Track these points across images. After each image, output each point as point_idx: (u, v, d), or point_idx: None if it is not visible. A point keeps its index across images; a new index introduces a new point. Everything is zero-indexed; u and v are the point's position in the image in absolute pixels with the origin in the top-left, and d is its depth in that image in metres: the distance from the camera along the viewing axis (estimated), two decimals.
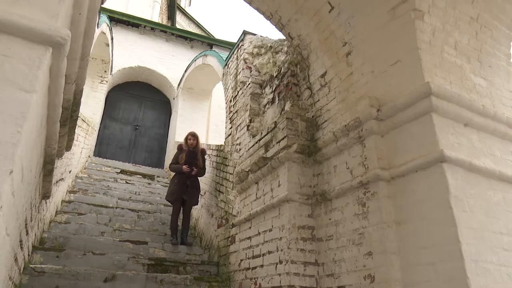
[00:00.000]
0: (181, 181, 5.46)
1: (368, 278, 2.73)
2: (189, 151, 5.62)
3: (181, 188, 5.42)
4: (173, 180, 5.62)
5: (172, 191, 5.48)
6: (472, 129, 2.82)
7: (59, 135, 2.60)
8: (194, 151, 5.66)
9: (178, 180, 5.50)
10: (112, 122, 10.92)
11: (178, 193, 5.41)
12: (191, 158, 5.58)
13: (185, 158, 5.56)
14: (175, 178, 5.58)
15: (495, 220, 2.53)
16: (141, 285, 3.70)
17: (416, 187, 2.62)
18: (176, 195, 5.41)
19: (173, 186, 5.51)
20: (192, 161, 5.56)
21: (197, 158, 5.63)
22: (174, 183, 5.55)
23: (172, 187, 5.53)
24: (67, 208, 5.59)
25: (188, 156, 5.57)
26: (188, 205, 5.54)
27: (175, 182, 5.52)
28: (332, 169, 3.42)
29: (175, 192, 5.43)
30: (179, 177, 5.49)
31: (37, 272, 3.32)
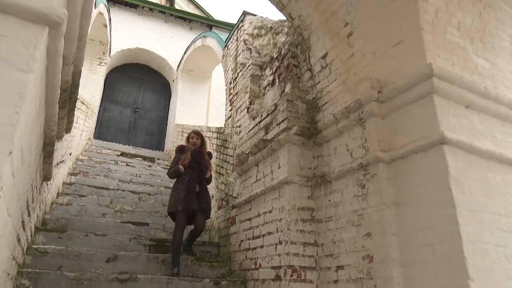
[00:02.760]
0: (189, 187, 4.20)
1: (366, 258, 2.77)
2: (195, 151, 4.48)
3: (190, 195, 4.16)
4: (176, 187, 4.33)
5: (177, 199, 4.14)
6: (473, 111, 2.81)
7: (59, 117, 2.59)
8: (201, 151, 4.52)
9: (185, 185, 4.21)
10: (112, 105, 10.88)
11: (187, 200, 4.11)
12: (199, 158, 4.43)
13: (190, 157, 4.39)
14: (179, 183, 4.31)
15: (494, 201, 2.55)
16: (142, 265, 3.76)
17: (416, 169, 2.63)
18: (185, 203, 4.08)
19: (178, 193, 4.20)
20: (200, 162, 4.41)
21: (204, 159, 4.50)
22: (178, 189, 4.25)
23: (176, 195, 4.20)
24: (68, 190, 5.62)
25: (194, 157, 4.41)
26: (201, 216, 4.24)
27: (180, 188, 4.22)
28: (332, 151, 3.42)
29: (182, 200, 4.09)
30: (186, 182, 4.23)
31: (40, 252, 3.37)
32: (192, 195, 4.17)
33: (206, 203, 4.29)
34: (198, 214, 4.21)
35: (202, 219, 4.25)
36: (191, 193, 4.16)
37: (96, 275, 3.26)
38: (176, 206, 4.10)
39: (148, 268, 3.76)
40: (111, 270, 3.52)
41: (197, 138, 4.58)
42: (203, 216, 4.25)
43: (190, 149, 4.47)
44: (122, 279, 3.29)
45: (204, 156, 4.50)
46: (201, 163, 4.40)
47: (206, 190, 4.43)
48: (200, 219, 4.22)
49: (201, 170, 4.35)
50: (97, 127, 10.28)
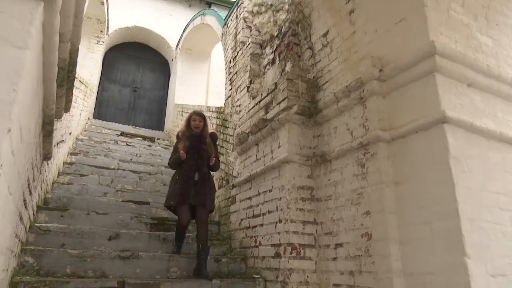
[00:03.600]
0: (186, 177, 3.69)
1: (365, 236, 2.81)
2: (192, 136, 3.88)
3: (186, 186, 3.65)
4: (174, 178, 3.87)
5: (173, 192, 3.70)
6: (475, 89, 2.78)
7: (57, 95, 2.57)
8: (201, 135, 3.92)
9: (181, 175, 3.73)
10: (111, 84, 10.79)
11: (183, 193, 3.62)
12: (197, 144, 3.85)
13: (188, 143, 3.83)
14: (176, 173, 3.87)
15: (492, 180, 2.56)
16: (144, 243, 3.81)
17: (416, 148, 2.62)
18: (180, 196, 3.61)
19: (173, 185, 3.77)
20: (200, 147, 3.84)
21: (205, 143, 3.89)
22: (174, 180, 3.82)
23: (172, 186, 3.78)
24: (69, 169, 5.64)
25: (192, 142, 3.84)
26: (201, 212, 3.66)
27: (176, 178, 3.78)
28: (332, 130, 3.41)
29: (177, 193, 3.64)
30: (183, 172, 3.73)
31: (42, 230, 3.41)
32: (188, 185, 3.64)
33: (204, 195, 3.67)
34: (198, 209, 3.65)
35: (202, 212, 3.66)
36: (186, 184, 3.64)
37: (99, 252, 3.31)
38: (171, 200, 3.67)
39: (149, 246, 3.82)
40: (113, 248, 3.58)
41: (200, 120, 3.96)
42: (202, 209, 3.67)
43: (186, 134, 3.91)
44: (124, 256, 3.34)
45: (203, 140, 3.90)
46: (200, 148, 3.83)
47: (207, 179, 3.81)
48: (200, 213, 3.65)
49: (201, 157, 3.80)
50: (96, 106, 10.23)
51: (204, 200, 3.66)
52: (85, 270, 3.15)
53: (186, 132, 3.93)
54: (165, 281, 3.13)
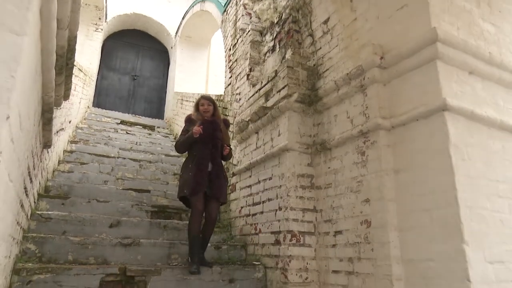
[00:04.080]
0: (199, 165, 3.40)
1: (364, 224, 2.83)
2: (207, 121, 3.56)
3: (201, 176, 3.36)
4: (185, 166, 3.52)
5: (187, 181, 3.37)
6: (476, 77, 2.76)
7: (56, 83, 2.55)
8: (215, 121, 3.62)
9: (194, 163, 3.42)
10: (110, 72, 10.73)
11: (198, 183, 3.32)
12: (212, 130, 3.54)
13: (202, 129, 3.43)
14: (188, 161, 3.52)
15: (492, 168, 2.56)
16: (145, 230, 3.84)
17: (416, 136, 2.62)
18: (195, 186, 3.31)
19: (186, 174, 3.43)
20: (214, 135, 3.54)
21: (219, 130, 3.61)
22: (187, 168, 3.47)
23: (185, 176, 3.43)
24: (69, 157, 5.65)
25: (206, 128, 3.46)
26: (214, 205, 3.42)
27: (190, 167, 3.44)
28: (333, 118, 3.40)
29: (192, 183, 3.32)
30: (196, 160, 3.43)
31: (44, 218, 3.43)
32: (203, 174, 3.36)
33: (218, 188, 3.42)
34: (210, 201, 3.40)
35: (215, 205, 3.42)
36: (201, 172, 3.36)
37: (100, 239, 3.33)
38: (185, 189, 3.34)
39: (150, 233, 3.84)
40: (114, 235, 3.60)
41: (208, 104, 3.63)
42: (215, 202, 3.42)
43: (200, 119, 3.56)
44: (126, 243, 3.37)
45: (218, 127, 3.60)
46: (215, 136, 3.53)
47: (221, 170, 3.54)
48: (212, 206, 3.40)
49: (215, 145, 3.51)
50: (96, 95, 10.19)
51: (219, 193, 3.42)
52: (86, 257, 3.18)
53: (199, 117, 3.60)
54: (166, 267, 3.16)
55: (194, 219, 3.31)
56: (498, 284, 2.25)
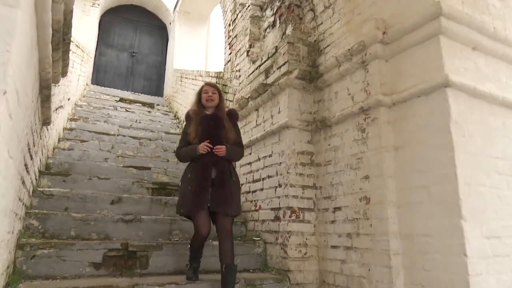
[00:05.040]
0: (200, 175, 2.78)
1: (363, 200, 2.85)
2: (207, 118, 2.95)
3: (202, 189, 2.74)
4: (184, 176, 2.92)
5: (185, 197, 2.80)
6: (480, 53, 2.72)
7: (53, 59, 2.52)
8: (217, 117, 2.96)
9: (194, 173, 2.82)
10: (108, 49, 10.58)
11: (197, 198, 2.71)
12: (213, 128, 2.91)
13: (200, 129, 2.90)
14: (188, 171, 2.91)
15: (492, 145, 2.56)
16: (146, 207, 3.88)
17: (417, 112, 2.61)
18: (194, 202, 2.71)
19: (185, 188, 2.82)
20: (216, 134, 2.89)
21: (222, 127, 2.93)
22: (185, 180, 2.87)
23: (183, 191, 2.85)
24: (69, 135, 5.65)
25: (207, 126, 2.91)
26: (224, 220, 2.74)
27: (189, 177, 2.84)
28: (333, 95, 3.37)
29: (190, 199, 2.73)
30: (196, 168, 2.82)
31: (46, 195, 3.45)
32: (204, 186, 2.73)
33: (225, 198, 2.75)
34: (219, 216, 2.74)
35: (224, 221, 2.73)
36: (202, 183, 2.74)
37: (102, 216, 3.37)
38: (183, 206, 2.78)
39: (151, 210, 3.89)
40: (116, 212, 3.64)
41: (213, 91, 3.02)
42: (224, 217, 2.74)
43: (199, 115, 2.96)
44: (127, 219, 3.41)
45: (222, 122, 2.93)
46: (216, 135, 2.87)
47: (229, 175, 2.86)
48: (220, 222, 2.73)
49: (218, 142, 2.86)
50: (94, 72, 10.09)
51: (226, 205, 2.73)
52: (89, 233, 3.23)
53: (198, 112, 3.00)
54: (167, 243, 3.21)
55: (195, 244, 2.81)
56: (494, 258, 2.29)
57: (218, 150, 2.82)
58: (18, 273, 2.55)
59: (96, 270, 2.84)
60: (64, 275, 2.70)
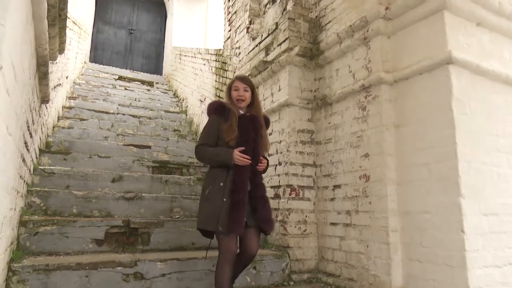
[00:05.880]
0: (240, 185, 2.25)
1: (363, 178, 2.86)
2: (245, 119, 2.40)
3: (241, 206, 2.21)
4: (212, 184, 2.31)
5: (216, 211, 2.21)
6: (484, 29, 2.67)
7: (50, 35, 2.47)
8: (256, 120, 2.43)
9: (228, 181, 2.27)
10: (105, 26, 10.40)
11: (236, 216, 2.19)
12: (251, 132, 2.38)
13: (238, 132, 2.33)
14: (219, 179, 2.30)
15: (494, 123, 2.55)
16: (147, 185, 3.90)
17: (418, 90, 2.58)
18: (233, 223, 2.17)
19: (216, 199, 2.24)
20: (255, 141, 2.38)
21: (260, 135, 2.45)
22: (216, 191, 2.27)
23: (214, 202, 2.24)
24: (68, 114, 5.62)
25: (245, 129, 2.36)
26: (256, 235, 2.33)
27: (221, 187, 2.27)
28: (334, 72, 3.33)
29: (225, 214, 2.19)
30: (232, 179, 2.27)
31: (47, 173, 3.47)
32: (243, 201, 2.22)
33: (266, 214, 2.35)
34: (250, 232, 2.30)
35: (256, 240, 2.32)
36: (240, 199, 2.22)
37: (103, 193, 3.39)
38: (215, 222, 2.19)
39: (152, 188, 3.91)
40: (117, 189, 3.67)
41: (245, 89, 2.45)
42: (256, 235, 2.33)
43: (235, 114, 2.37)
44: (128, 197, 3.44)
45: (260, 126, 2.46)
46: (257, 144, 2.39)
47: (263, 188, 2.44)
48: (251, 238, 2.30)
49: (256, 155, 2.36)
50: (92, 50, 9.96)
51: (265, 223, 2.32)
52: (91, 210, 3.26)
53: (233, 108, 2.41)
54: (168, 220, 3.24)
55: (224, 267, 2.20)
56: (491, 235, 2.32)
57: (261, 166, 2.38)
58: (22, 249, 2.59)
59: (99, 246, 2.88)
60: (68, 251, 2.74)
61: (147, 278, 2.56)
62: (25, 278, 2.23)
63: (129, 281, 2.51)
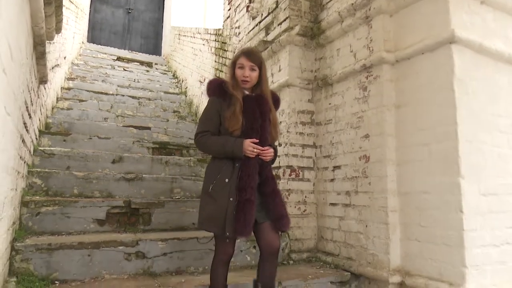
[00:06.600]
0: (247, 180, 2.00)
1: (363, 159, 2.86)
2: (250, 100, 2.11)
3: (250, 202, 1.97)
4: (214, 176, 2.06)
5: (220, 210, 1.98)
6: (488, 7, 2.62)
7: (46, 14, 2.43)
8: (263, 101, 2.13)
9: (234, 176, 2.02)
10: (103, 5, 10.22)
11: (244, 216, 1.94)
12: (260, 119, 2.09)
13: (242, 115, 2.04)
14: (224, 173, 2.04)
15: (495, 103, 2.53)
16: (147, 166, 3.91)
17: (420, 69, 2.55)
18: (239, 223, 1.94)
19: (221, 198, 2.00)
20: (263, 127, 2.09)
21: (269, 118, 2.14)
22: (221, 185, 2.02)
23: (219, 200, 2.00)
24: (67, 95, 5.59)
25: (251, 113, 2.07)
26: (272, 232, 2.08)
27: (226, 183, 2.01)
28: (335, 52, 3.29)
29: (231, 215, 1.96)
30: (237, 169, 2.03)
31: (47, 154, 3.47)
32: (251, 204, 1.97)
33: (279, 210, 2.09)
34: (263, 227, 2.07)
35: (273, 232, 2.08)
36: (248, 202, 1.96)
37: (104, 174, 3.41)
38: (221, 225, 1.97)
39: (152, 169, 3.92)
40: (117, 170, 3.68)
41: (252, 68, 2.11)
42: (272, 228, 2.08)
43: (238, 99, 2.05)
44: (129, 178, 3.45)
45: (269, 108, 2.14)
46: (265, 129, 2.10)
47: (273, 181, 2.17)
48: (270, 233, 2.07)
49: (263, 143, 2.06)
50: (90, 30, 9.80)
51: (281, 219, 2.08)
52: (91, 191, 3.28)
53: (237, 89, 2.10)
54: (169, 201, 3.26)
55: (219, 268, 2.07)
56: (489, 214, 2.34)
57: (267, 155, 2.06)
58: (24, 229, 2.62)
59: (100, 226, 2.91)
60: (69, 231, 2.78)
61: (148, 257, 2.60)
62: (29, 257, 2.26)
63: (131, 260, 2.55)
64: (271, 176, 2.17)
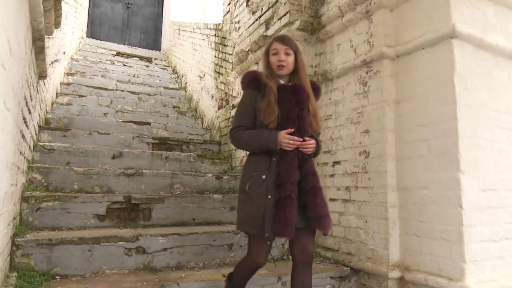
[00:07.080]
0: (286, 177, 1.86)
1: (363, 154, 2.86)
2: (286, 90, 1.98)
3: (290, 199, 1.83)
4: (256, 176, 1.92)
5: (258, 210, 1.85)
6: (489, 1, 2.60)
7: (45, 9, 2.42)
8: (300, 90, 1.99)
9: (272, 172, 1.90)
10: (102, 0, 10.16)
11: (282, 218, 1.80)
12: (297, 109, 1.95)
13: (279, 107, 1.92)
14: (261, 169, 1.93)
15: (496, 98, 2.52)
16: (147, 161, 3.92)
17: (421, 65, 2.54)
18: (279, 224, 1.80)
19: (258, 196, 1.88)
20: (300, 117, 1.94)
21: (307, 108, 1.99)
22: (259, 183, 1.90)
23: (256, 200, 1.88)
24: (66, 90, 5.58)
25: (287, 104, 1.94)
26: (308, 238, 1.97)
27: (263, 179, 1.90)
28: (336, 47, 3.28)
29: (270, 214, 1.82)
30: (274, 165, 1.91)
31: (47, 149, 3.47)
32: (291, 201, 1.84)
33: (319, 209, 1.93)
34: (301, 235, 1.92)
35: (310, 241, 1.99)
36: (287, 199, 1.83)
37: (104, 170, 3.41)
38: (259, 225, 1.85)
39: (152, 164, 3.93)
40: (117, 166, 3.68)
41: (286, 51, 2.01)
42: (310, 236, 1.99)
43: (272, 88, 1.95)
44: (129, 173, 3.46)
45: (307, 97, 2.00)
46: (304, 120, 1.96)
47: (314, 177, 1.99)
48: (306, 241, 1.96)
49: (303, 135, 1.93)
50: (89, 25, 9.76)
51: (321, 221, 1.92)
52: (92, 186, 3.28)
53: (271, 78, 2.01)
54: (169, 196, 3.27)
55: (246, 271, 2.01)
56: (489, 210, 2.34)
57: (307, 147, 1.92)
58: (24, 224, 2.62)
59: (101, 221, 2.92)
60: (70, 226, 2.78)
61: (149, 252, 2.61)
62: (29, 252, 2.27)
63: (131, 255, 2.56)
64: (312, 171, 1.98)
